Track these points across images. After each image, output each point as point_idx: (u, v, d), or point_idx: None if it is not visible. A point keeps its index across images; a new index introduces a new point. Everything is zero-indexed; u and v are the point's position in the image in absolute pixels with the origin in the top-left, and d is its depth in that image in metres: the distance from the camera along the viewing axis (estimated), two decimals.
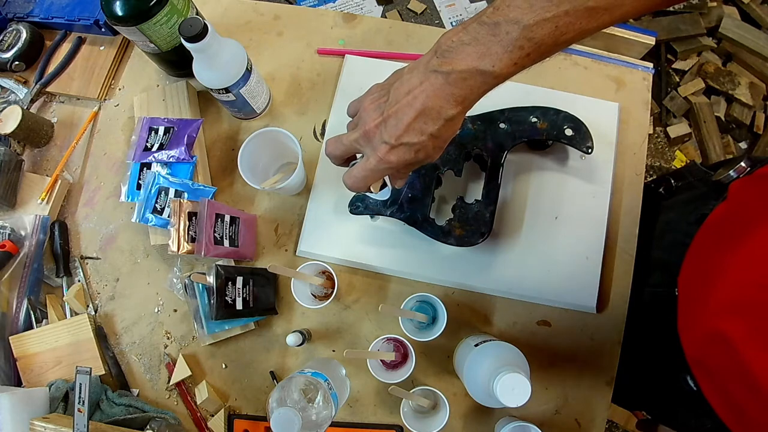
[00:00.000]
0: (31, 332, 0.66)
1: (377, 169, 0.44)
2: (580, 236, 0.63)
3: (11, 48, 0.76)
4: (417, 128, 0.41)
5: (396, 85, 0.43)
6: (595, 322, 0.62)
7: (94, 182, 0.73)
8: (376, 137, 0.43)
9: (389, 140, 0.42)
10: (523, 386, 0.45)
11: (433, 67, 0.40)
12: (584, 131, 0.61)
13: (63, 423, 0.55)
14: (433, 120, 0.41)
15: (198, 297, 0.63)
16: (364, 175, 0.46)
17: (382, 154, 0.43)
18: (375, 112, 0.44)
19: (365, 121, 0.44)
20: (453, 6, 1.73)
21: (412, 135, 0.42)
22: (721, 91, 1.56)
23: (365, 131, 0.44)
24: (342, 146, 0.48)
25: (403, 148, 0.43)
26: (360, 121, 0.46)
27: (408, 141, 0.42)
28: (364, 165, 0.45)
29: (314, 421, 0.48)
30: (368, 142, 0.44)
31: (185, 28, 0.54)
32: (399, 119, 0.42)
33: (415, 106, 0.41)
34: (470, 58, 0.39)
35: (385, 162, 0.43)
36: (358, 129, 0.45)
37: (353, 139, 0.46)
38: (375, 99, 0.45)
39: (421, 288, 0.64)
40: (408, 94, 0.41)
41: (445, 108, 0.41)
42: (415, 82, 0.41)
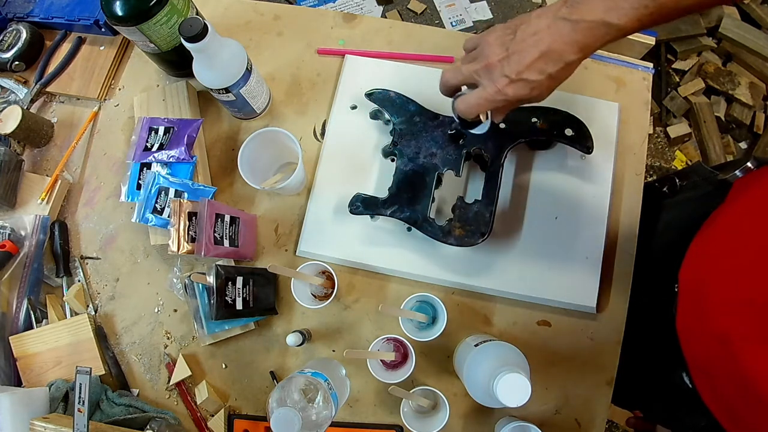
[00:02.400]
0: (31, 332, 0.66)
1: (493, 99, 0.48)
2: (580, 236, 0.63)
3: (11, 48, 0.76)
4: (538, 67, 0.45)
5: (523, 27, 0.46)
6: (595, 322, 0.62)
7: (94, 182, 0.73)
8: (497, 70, 0.46)
9: (510, 74, 0.45)
10: (523, 386, 0.45)
11: (563, 15, 0.43)
12: (584, 131, 0.61)
13: (63, 423, 0.55)
14: (554, 61, 0.44)
15: (198, 297, 0.63)
16: (479, 103, 0.49)
17: (501, 86, 0.46)
18: (499, 48, 0.47)
19: (488, 55, 0.47)
20: (453, 6, 1.73)
21: (532, 72, 0.45)
22: (721, 91, 1.56)
23: (488, 63, 0.47)
24: (461, 75, 0.51)
25: (522, 83, 0.46)
26: (481, 54, 0.48)
27: (528, 77, 0.45)
28: (480, 94, 0.48)
29: (314, 421, 0.48)
30: (488, 74, 0.47)
31: (185, 28, 0.54)
32: (522, 56, 0.45)
33: (540, 47, 0.44)
34: (598, 10, 0.42)
35: (502, 94, 0.47)
36: (479, 61, 0.48)
37: (474, 69, 0.48)
38: (500, 36, 0.48)
39: (421, 288, 0.64)
40: (534, 35, 0.45)
41: (568, 53, 0.44)
42: (542, 25, 0.45)
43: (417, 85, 0.67)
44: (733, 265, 0.44)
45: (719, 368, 0.44)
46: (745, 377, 0.39)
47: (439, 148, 0.61)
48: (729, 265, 0.45)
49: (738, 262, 0.44)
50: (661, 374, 0.57)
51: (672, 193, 0.66)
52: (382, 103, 0.64)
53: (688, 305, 0.49)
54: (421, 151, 0.62)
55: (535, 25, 0.45)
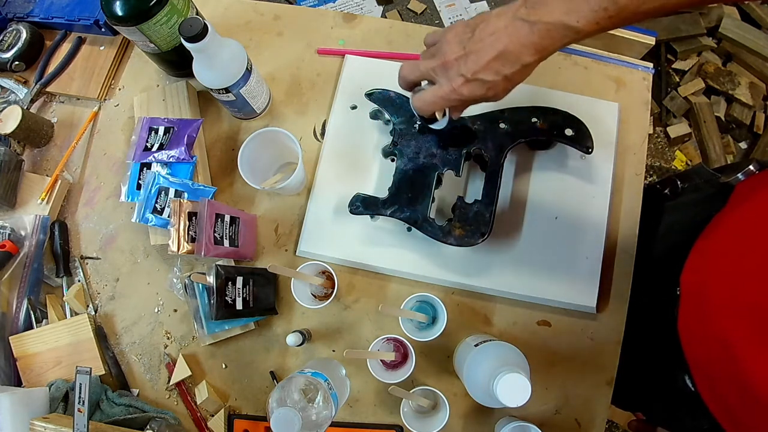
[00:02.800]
0: (31, 332, 0.66)
1: (448, 98, 0.48)
2: (580, 236, 0.63)
3: (11, 48, 0.76)
4: (494, 68, 0.45)
5: (482, 26, 0.46)
6: (595, 322, 0.62)
7: (94, 182, 0.73)
8: (454, 69, 0.47)
9: (466, 74, 0.46)
10: (523, 386, 0.45)
11: (521, 16, 0.43)
12: (584, 131, 0.61)
13: (63, 423, 0.55)
14: (510, 63, 0.44)
15: (198, 297, 0.63)
16: (434, 101, 0.50)
17: (456, 85, 0.47)
18: (457, 46, 0.47)
19: (445, 53, 0.47)
20: (453, 6, 1.73)
21: (488, 73, 0.45)
22: (721, 91, 1.56)
23: (444, 62, 0.47)
24: (418, 72, 0.51)
25: (477, 83, 0.46)
26: (439, 51, 0.48)
27: (483, 78, 0.45)
28: (436, 91, 0.49)
29: (314, 421, 0.48)
30: (445, 72, 0.48)
31: (185, 28, 0.54)
32: (479, 56, 0.45)
33: (497, 47, 0.44)
34: (557, 12, 0.42)
35: (457, 93, 0.47)
36: (436, 58, 0.48)
37: (431, 67, 0.49)
38: (458, 33, 0.47)
39: (421, 288, 0.64)
40: (492, 34, 0.45)
41: (524, 54, 0.44)
42: (500, 25, 0.44)
43: None
44: (736, 269, 0.44)
45: (720, 371, 0.44)
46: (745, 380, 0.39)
47: (439, 148, 0.61)
48: (732, 268, 0.44)
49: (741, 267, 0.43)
50: (663, 376, 0.57)
51: (673, 195, 0.66)
52: (382, 103, 0.64)
53: (690, 308, 0.49)
54: (421, 151, 0.62)
55: (494, 25, 0.45)
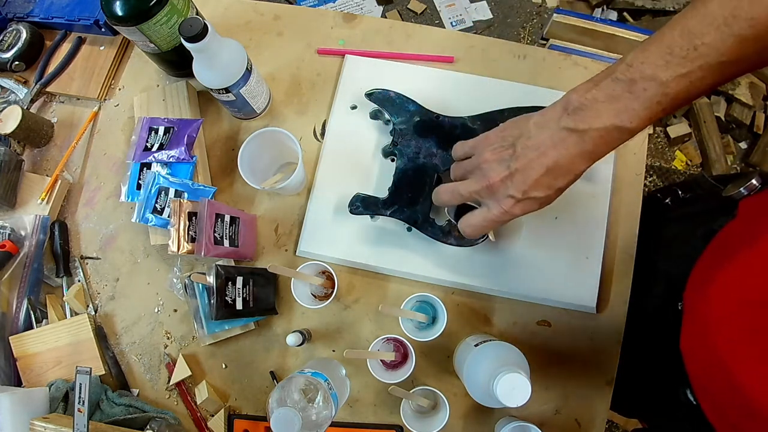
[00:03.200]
0: (31, 332, 0.66)
1: (500, 220, 0.46)
2: (580, 236, 0.63)
3: (11, 48, 0.76)
4: (545, 183, 0.43)
5: (522, 141, 0.43)
6: (595, 322, 0.62)
7: (94, 182, 0.73)
8: (501, 191, 0.44)
9: (516, 194, 0.43)
10: (523, 386, 0.45)
11: (566, 125, 0.41)
12: None
13: (63, 423, 0.55)
14: (563, 176, 0.42)
15: (198, 297, 0.63)
16: (485, 225, 0.47)
17: (507, 207, 0.45)
18: (499, 165, 0.44)
19: (488, 175, 0.45)
20: (453, 6, 1.73)
21: (539, 190, 0.43)
22: (721, 91, 1.56)
23: (489, 185, 0.45)
24: (459, 197, 0.49)
25: (529, 201, 0.44)
26: (480, 172, 0.46)
27: (535, 195, 0.43)
28: (486, 215, 0.47)
29: (314, 421, 0.48)
30: (492, 195, 0.46)
31: (185, 28, 0.54)
32: (527, 175, 0.42)
33: (545, 162, 0.42)
34: (606, 116, 0.39)
35: (509, 214, 0.45)
36: (479, 181, 0.46)
37: (474, 190, 0.47)
38: (497, 150, 0.45)
39: (421, 288, 0.64)
40: (537, 149, 0.42)
41: (577, 165, 0.42)
42: (545, 138, 0.42)
43: (417, 85, 0.67)
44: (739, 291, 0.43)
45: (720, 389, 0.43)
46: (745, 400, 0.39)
47: (439, 148, 0.61)
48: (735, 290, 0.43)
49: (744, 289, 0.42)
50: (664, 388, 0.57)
51: (675, 205, 0.66)
52: (382, 103, 0.64)
53: (692, 326, 0.49)
54: (421, 151, 0.62)
55: (536, 138, 0.42)
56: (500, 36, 1.68)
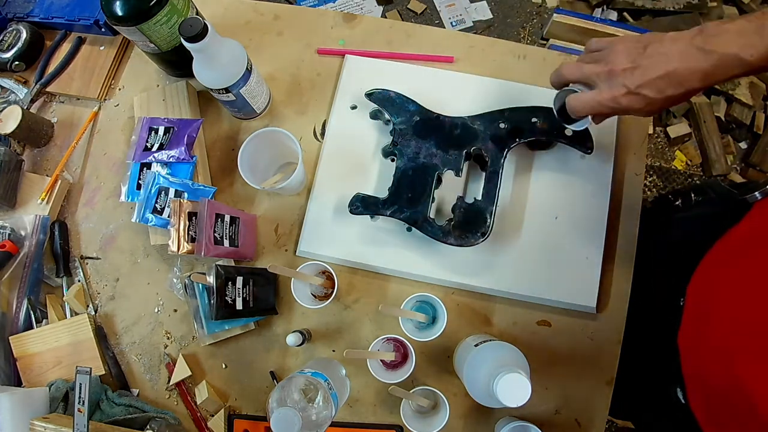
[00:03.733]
0: (31, 332, 0.66)
1: (606, 105, 0.48)
2: (580, 236, 0.63)
3: (11, 48, 0.76)
4: (659, 86, 0.45)
5: (655, 44, 0.46)
6: (595, 322, 0.62)
7: (94, 182, 0.73)
8: (619, 78, 0.47)
9: (630, 85, 0.46)
10: (523, 386, 0.45)
11: (698, 44, 0.43)
12: (584, 131, 0.61)
13: (63, 423, 0.55)
14: (676, 84, 0.44)
15: (198, 297, 0.63)
16: (593, 105, 0.49)
17: (618, 93, 0.47)
18: (626, 58, 0.47)
19: (613, 62, 0.47)
20: (453, 6, 1.73)
21: (651, 89, 0.45)
22: (721, 91, 1.56)
23: (611, 69, 0.47)
24: (580, 73, 0.51)
25: (638, 97, 0.46)
26: (606, 59, 0.49)
27: (646, 93, 0.46)
28: (595, 96, 0.49)
29: (314, 421, 0.48)
30: (609, 80, 0.48)
31: (185, 28, 0.54)
32: (647, 71, 0.45)
33: (667, 66, 0.44)
34: (734, 45, 0.42)
35: (616, 101, 0.47)
36: (602, 65, 0.48)
37: (596, 72, 0.49)
38: (630, 47, 0.48)
39: (421, 288, 0.64)
40: (664, 54, 0.45)
41: (692, 80, 0.44)
42: (675, 48, 0.45)
43: (417, 85, 0.67)
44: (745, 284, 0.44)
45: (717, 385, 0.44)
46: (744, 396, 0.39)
47: (439, 148, 0.61)
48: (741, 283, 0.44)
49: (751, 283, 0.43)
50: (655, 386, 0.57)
51: (685, 207, 0.66)
52: (382, 103, 0.64)
53: (693, 319, 0.49)
54: (421, 151, 0.62)
55: (668, 47, 0.45)
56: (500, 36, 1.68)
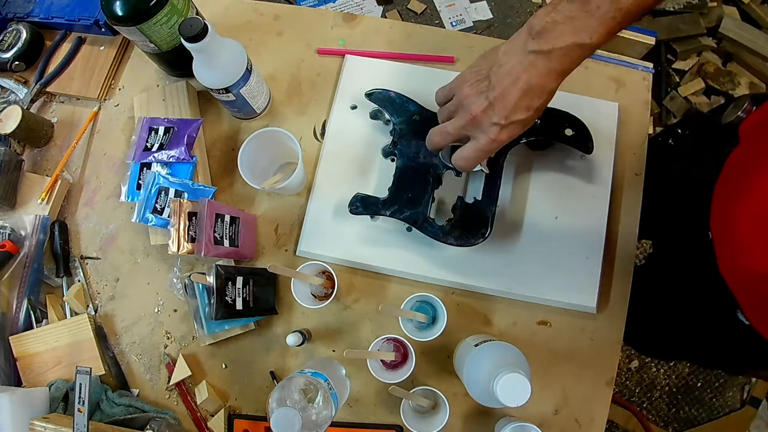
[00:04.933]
0: (31, 332, 0.66)
1: (490, 148, 0.48)
2: (580, 236, 0.63)
3: (11, 48, 0.76)
4: (524, 105, 0.45)
5: (494, 69, 0.46)
6: (595, 322, 0.62)
7: (94, 182, 0.73)
8: (485, 121, 0.47)
9: (500, 121, 0.46)
10: (523, 386, 0.45)
11: (532, 48, 0.43)
12: (584, 131, 0.61)
13: (63, 423, 0.55)
14: (538, 95, 0.45)
15: (198, 297, 0.63)
16: (477, 156, 0.49)
17: (494, 134, 0.47)
18: (478, 98, 0.47)
19: (470, 109, 0.47)
20: (453, 6, 1.73)
21: (520, 112, 0.45)
22: (721, 91, 1.56)
23: (473, 117, 0.47)
24: (449, 136, 0.51)
25: (513, 125, 0.46)
26: (462, 108, 0.49)
27: (517, 118, 0.46)
28: (476, 146, 0.49)
29: (314, 421, 0.48)
30: (477, 127, 0.48)
31: (185, 28, 0.54)
32: (506, 101, 0.45)
33: (519, 86, 0.44)
34: (567, 35, 0.42)
35: (498, 141, 0.47)
36: (462, 116, 0.48)
37: (460, 126, 0.49)
38: (474, 85, 0.47)
39: (421, 288, 0.64)
40: (510, 75, 0.44)
41: (549, 83, 0.44)
42: (515, 63, 0.44)
43: (417, 85, 0.67)
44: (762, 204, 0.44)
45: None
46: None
47: None
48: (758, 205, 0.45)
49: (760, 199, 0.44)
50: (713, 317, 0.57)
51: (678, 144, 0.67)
52: (382, 103, 0.64)
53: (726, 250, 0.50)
54: (421, 151, 0.62)
55: (507, 65, 0.45)
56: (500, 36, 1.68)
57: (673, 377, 1.38)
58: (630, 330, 0.61)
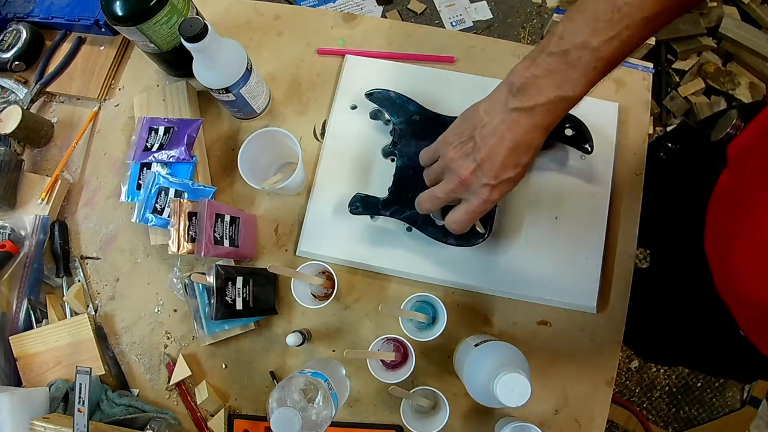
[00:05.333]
0: (31, 332, 0.66)
1: (482, 210, 0.48)
2: (580, 236, 0.63)
3: (11, 48, 0.76)
4: (512, 163, 0.45)
5: (478, 130, 0.46)
6: (595, 322, 0.62)
7: (94, 182, 0.73)
8: (475, 183, 0.46)
9: (490, 181, 0.45)
10: (523, 386, 0.45)
11: (514, 106, 0.43)
12: (584, 131, 0.61)
13: (63, 423, 0.55)
14: (525, 152, 0.44)
15: (198, 297, 0.63)
16: (469, 218, 0.49)
17: (485, 195, 0.46)
18: (464, 160, 0.47)
19: (458, 172, 0.47)
20: (453, 6, 1.73)
21: (509, 170, 0.45)
22: (721, 91, 1.56)
23: (462, 180, 0.47)
24: (439, 201, 0.51)
25: (503, 183, 0.46)
26: (449, 172, 0.49)
27: (506, 177, 0.45)
28: (467, 209, 0.48)
29: (314, 421, 0.48)
30: (467, 189, 0.47)
31: (185, 28, 0.54)
32: (494, 161, 0.44)
33: (506, 144, 0.44)
34: (549, 90, 0.41)
35: (489, 201, 0.47)
36: (450, 180, 0.48)
37: (450, 189, 0.49)
38: (458, 147, 0.47)
39: (421, 288, 0.64)
40: (494, 135, 0.44)
41: (534, 139, 0.44)
42: (498, 122, 0.44)
43: (417, 85, 0.67)
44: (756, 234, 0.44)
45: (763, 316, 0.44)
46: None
47: None
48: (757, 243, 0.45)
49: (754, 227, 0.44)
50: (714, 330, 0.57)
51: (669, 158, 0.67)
52: (382, 103, 0.64)
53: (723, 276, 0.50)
54: (421, 151, 0.61)
55: (490, 124, 0.45)
56: (500, 36, 1.68)
57: (673, 377, 1.39)
58: (629, 333, 0.61)
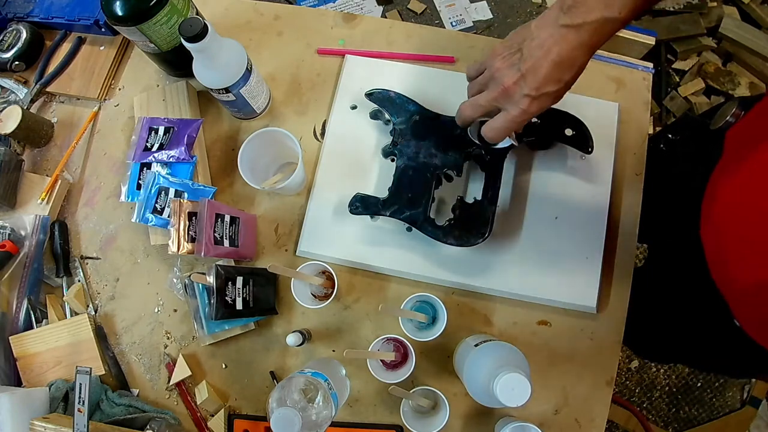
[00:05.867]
0: (31, 332, 0.66)
1: (520, 120, 0.49)
2: (580, 236, 0.63)
3: (11, 48, 0.76)
4: (555, 77, 0.46)
5: (527, 42, 0.47)
6: (595, 322, 0.62)
7: (94, 182, 0.73)
8: (517, 92, 0.47)
9: (531, 92, 0.46)
10: (523, 386, 0.45)
11: (564, 22, 0.44)
12: (584, 131, 0.61)
13: (63, 423, 0.55)
14: (568, 68, 0.45)
15: (198, 297, 0.63)
16: (508, 126, 0.50)
17: (525, 106, 0.47)
18: (510, 70, 0.47)
19: (502, 81, 0.48)
20: (453, 6, 1.73)
21: (551, 84, 0.46)
22: (721, 91, 1.56)
23: (504, 89, 0.48)
24: (481, 108, 0.52)
25: (543, 97, 0.47)
26: (493, 81, 0.50)
27: (548, 90, 0.46)
28: (506, 117, 0.49)
29: (314, 421, 0.48)
30: (508, 98, 0.48)
31: (185, 28, 0.54)
32: (537, 73, 0.45)
33: (551, 58, 0.45)
34: (597, 10, 0.43)
35: (528, 113, 0.48)
36: (494, 88, 0.49)
37: (491, 98, 0.50)
38: (506, 57, 0.48)
39: (421, 288, 0.64)
40: (541, 48, 0.45)
41: (579, 57, 0.45)
42: (545, 36, 0.45)
43: (417, 85, 0.67)
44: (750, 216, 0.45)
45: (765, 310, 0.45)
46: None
47: (439, 148, 0.61)
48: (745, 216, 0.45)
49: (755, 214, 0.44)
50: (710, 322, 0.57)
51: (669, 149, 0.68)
52: (382, 103, 0.64)
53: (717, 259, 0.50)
54: (421, 151, 0.62)
55: (539, 38, 0.46)
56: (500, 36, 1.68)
57: (673, 377, 1.39)
58: (628, 332, 0.61)
